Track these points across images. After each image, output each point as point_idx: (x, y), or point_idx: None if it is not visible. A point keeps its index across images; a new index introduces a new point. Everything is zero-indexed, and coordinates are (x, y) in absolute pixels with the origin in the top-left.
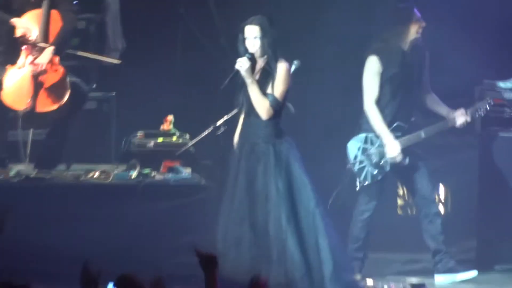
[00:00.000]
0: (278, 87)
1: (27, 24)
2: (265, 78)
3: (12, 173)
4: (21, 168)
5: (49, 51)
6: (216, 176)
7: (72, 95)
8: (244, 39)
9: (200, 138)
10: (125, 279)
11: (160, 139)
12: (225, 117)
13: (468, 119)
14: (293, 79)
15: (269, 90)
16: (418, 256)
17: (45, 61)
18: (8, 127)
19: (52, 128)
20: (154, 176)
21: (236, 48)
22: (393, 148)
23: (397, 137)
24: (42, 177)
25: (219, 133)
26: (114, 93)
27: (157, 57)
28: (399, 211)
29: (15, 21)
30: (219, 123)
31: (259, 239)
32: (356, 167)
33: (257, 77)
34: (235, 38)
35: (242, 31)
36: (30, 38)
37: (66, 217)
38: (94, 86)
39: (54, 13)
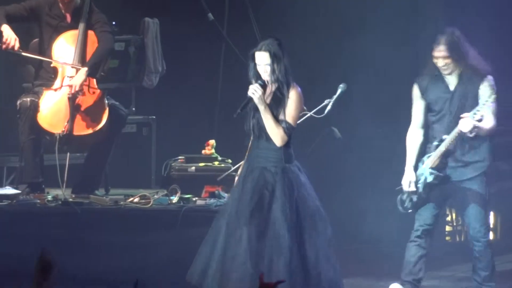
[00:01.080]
0: (290, 113)
1: (62, 46)
2: (277, 103)
3: (49, 197)
4: (58, 193)
5: (83, 72)
6: None
7: (111, 118)
8: (255, 65)
9: (242, 163)
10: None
11: (201, 164)
12: None
13: (475, 124)
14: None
15: (281, 116)
16: (467, 283)
17: (79, 82)
18: (45, 151)
19: (90, 152)
20: (195, 201)
21: (248, 74)
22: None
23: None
24: (80, 202)
25: None
26: (154, 117)
27: (198, 80)
28: (447, 238)
29: (3, 27)
30: None
31: (260, 262)
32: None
33: (268, 101)
34: None
35: (252, 58)
36: (11, 46)
37: (105, 242)
38: (134, 109)
39: (91, 34)
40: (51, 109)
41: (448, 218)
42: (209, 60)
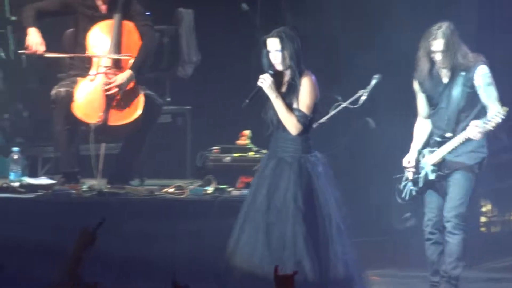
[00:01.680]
0: (303, 101)
1: (98, 36)
2: (291, 92)
3: (84, 188)
4: (94, 183)
5: (127, 74)
6: None
7: (146, 108)
8: (267, 53)
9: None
10: None
11: (236, 154)
12: None
13: (481, 130)
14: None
15: (294, 105)
16: (500, 274)
17: (120, 83)
18: (80, 141)
19: (125, 142)
20: (230, 191)
21: (260, 62)
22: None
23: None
24: (116, 192)
25: None
26: (189, 107)
27: (233, 71)
28: (482, 229)
29: (29, 30)
30: None
31: (273, 252)
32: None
33: (283, 90)
34: (308, 54)
35: (264, 44)
36: (33, 51)
37: (140, 232)
38: (169, 99)
39: (127, 24)
40: (86, 99)
41: (484, 209)
42: (243, 50)
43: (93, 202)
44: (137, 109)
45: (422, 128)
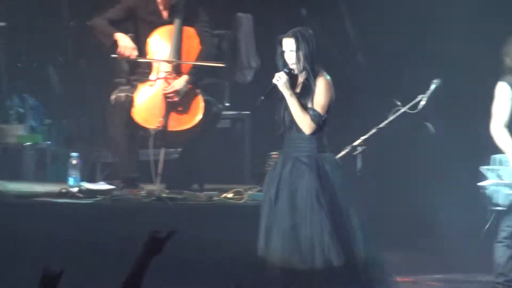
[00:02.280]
0: (318, 100)
1: (158, 41)
2: (306, 92)
3: (143, 193)
4: (153, 188)
5: (184, 79)
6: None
7: (206, 113)
8: (282, 52)
9: (337, 158)
10: None
11: None
12: (363, 137)
13: None
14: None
15: (309, 105)
16: None
17: (177, 88)
18: (139, 146)
19: (185, 148)
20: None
21: (275, 61)
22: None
23: None
24: (174, 197)
25: (356, 153)
26: (248, 112)
27: None
28: None
29: (117, 36)
30: (356, 143)
31: (303, 253)
32: (490, 189)
33: (298, 91)
34: (372, 55)
35: (280, 44)
36: (127, 55)
37: (198, 237)
38: (228, 104)
39: (187, 30)
40: (146, 104)
41: None
42: None
43: (152, 208)
44: (197, 114)
45: (507, 135)
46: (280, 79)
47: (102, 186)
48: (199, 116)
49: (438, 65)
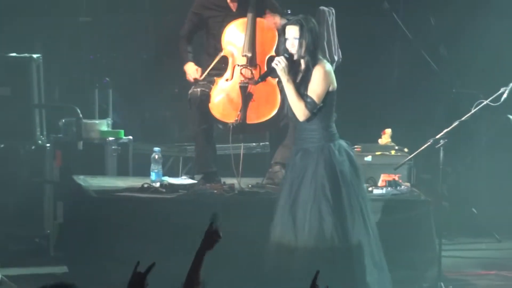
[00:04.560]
0: (313, 88)
1: (232, 34)
2: (305, 81)
3: (225, 187)
4: (234, 182)
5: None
6: (436, 190)
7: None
8: (285, 40)
9: (419, 151)
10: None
11: (378, 153)
12: (445, 130)
13: None
14: None
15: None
16: None
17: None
18: (219, 140)
19: (270, 141)
20: (372, 190)
21: (277, 48)
22: None
23: None
24: (256, 191)
25: (439, 146)
26: None
27: (374, 69)
28: None
29: (186, 67)
30: (438, 136)
31: (307, 245)
32: None
33: (298, 79)
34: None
35: (283, 32)
36: (195, 79)
37: None
38: None
39: (260, 22)
40: (224, 99)
41: None
42: (384, 48)
43: (235, 202)
44: (275, 106)
45: None
46: (279, 64)
47: (183, 180)
48: (277, 107)
49: None
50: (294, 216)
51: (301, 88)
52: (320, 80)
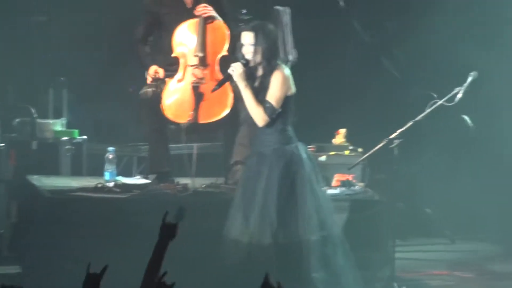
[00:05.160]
0: (272, 93)
1: (183, 35)
2: (263, 87)
3: (178, 187)
4: (188, 183)
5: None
6: (390, 190)
7: (235, 104)
8: (241, 46)
9: (373, 151)
10: None
11: (332, 153)
12: (400, 130)
13: None
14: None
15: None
16: None
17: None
18: (172, 140)
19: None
20: (325, 190)
21: (233, 55)
22: None
23: None
24: (211, 191)
25: (393, 146)
26: None
27: (328, 69)
28: None
29: (150, 70)
30: (393, 136)
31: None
32: None
33: (256, 84)
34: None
35: (239, 37)
36: (157, 78)
37: None
38: None
39: (214, 22)
40: (176, 99)
41: None
42: (339, 48)
43: (188, 202)
44: (227, 106)
45: None
46: (235, 70)
47: (137, 180)
48: (230, 107)
49: (476, 57)
50: (248, 216)
51: (259, 94)
52: (279, 85)
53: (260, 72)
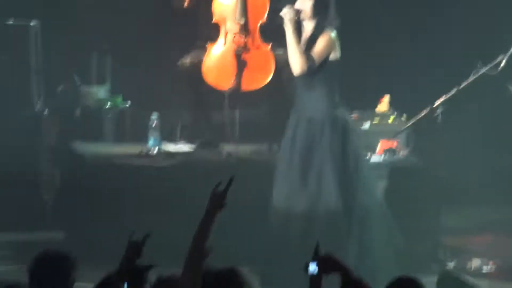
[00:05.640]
0: (316, 49)
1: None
2: (310, 42)
3: (221, 153)
4: (231, 149)
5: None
6: (434, 158)
7: (279, 69)
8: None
9: (417, 119)
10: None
11: (376, 120)
12: (443, 97)
13: None
14: None
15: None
16: None
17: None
18: (213, 108)
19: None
20: (370, 157)
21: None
22: None
23: None
24: (255, 159)
25: (437, 114)
26: None
27: (372, 35)
28: None
29: None
30: (437, 103)
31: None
32: None
33: (303, 40)
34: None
35: None
36: None
37: None
38: None
39: None
40: (217, 66)
41: None
42: (383, 11)
43: (231, 168)
44: (269, 71)
45: None
46: (287, 13)
47: (181, 147)
48: (272, 73)
49: None
50: (300, 185)
51: (305, 47)
52: (325, 45)
53: (310, 27)
